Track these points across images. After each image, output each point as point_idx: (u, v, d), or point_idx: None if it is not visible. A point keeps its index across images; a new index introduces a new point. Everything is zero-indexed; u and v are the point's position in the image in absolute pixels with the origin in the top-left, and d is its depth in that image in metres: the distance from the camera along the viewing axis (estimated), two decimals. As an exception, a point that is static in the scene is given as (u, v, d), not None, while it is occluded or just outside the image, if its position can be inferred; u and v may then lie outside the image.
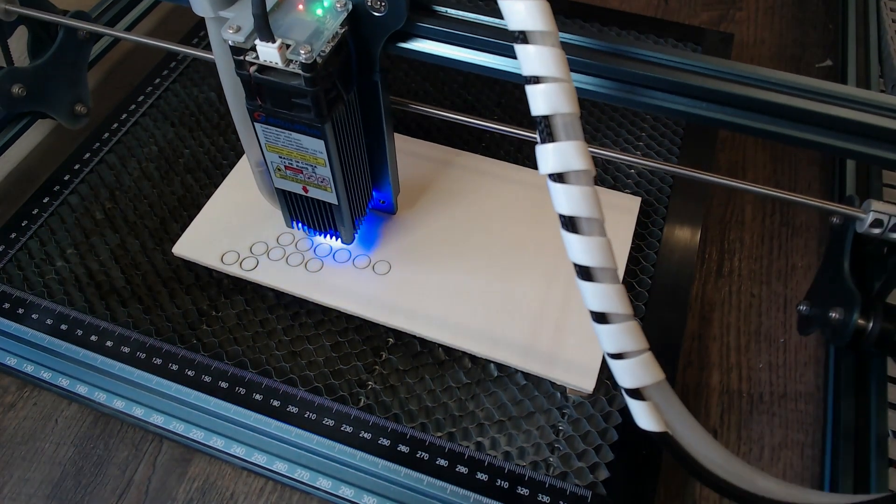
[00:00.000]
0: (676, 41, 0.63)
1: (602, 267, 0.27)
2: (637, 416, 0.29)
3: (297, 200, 0.43)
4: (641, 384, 0.28)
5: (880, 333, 0.36)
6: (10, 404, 0.45)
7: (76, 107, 0.55)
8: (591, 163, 0.27)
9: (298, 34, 0.34)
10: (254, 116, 0.37)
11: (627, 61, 0.34)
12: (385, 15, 0.35)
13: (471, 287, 0.45)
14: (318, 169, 0.39)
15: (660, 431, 0.29)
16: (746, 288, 0.50)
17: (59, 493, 0.41)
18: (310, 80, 0.33)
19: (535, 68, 0.26)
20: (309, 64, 0.33)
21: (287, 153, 0.39)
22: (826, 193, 0.55)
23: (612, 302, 0.27)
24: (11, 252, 0.50)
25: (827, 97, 0.32)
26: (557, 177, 0.27)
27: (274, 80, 0.34)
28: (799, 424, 0.44)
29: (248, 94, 0.36)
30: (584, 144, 0.27)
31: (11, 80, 0.51)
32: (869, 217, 0.35)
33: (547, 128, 0.27)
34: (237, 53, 0.34)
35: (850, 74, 0.57)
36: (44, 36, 0.53)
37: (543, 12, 0.26)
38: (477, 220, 0.49)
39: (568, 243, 0.27)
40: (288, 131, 0.37)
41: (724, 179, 0.39)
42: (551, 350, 0.42)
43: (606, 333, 0.28)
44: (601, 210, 0.27)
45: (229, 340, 0.46)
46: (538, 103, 0.27)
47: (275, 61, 0.33)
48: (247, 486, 0.42)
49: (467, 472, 0.40)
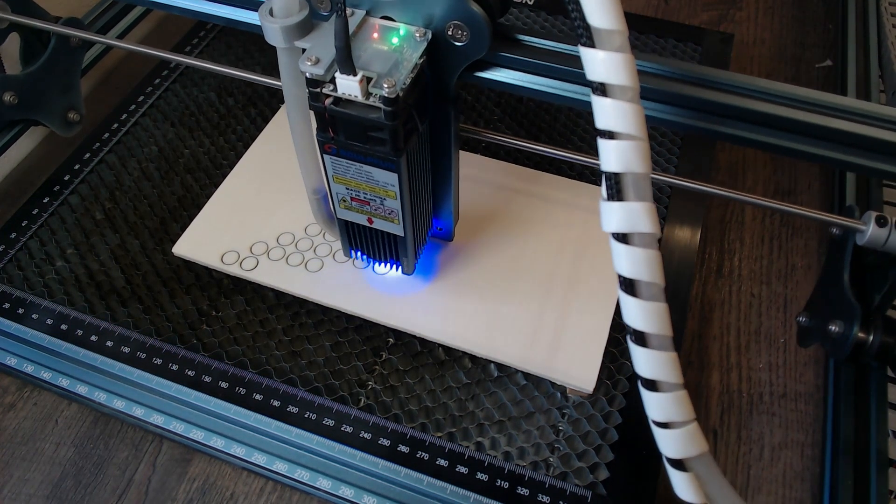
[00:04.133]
0: (676, 41, 0.63)
1: (658, 334, 0.26)
2: (677, 486, 0.28)
3: (360, 231, 0.41)
4: (686, 455, 0.27)
5: (880, 346, 0.35)
6: (10, 404, 0.45)
7: (69, 114, 0.55)
8: (658, 226, 0.26)
9: (379, 66, 0.32)
10: (324, 148, 0.36)
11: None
12: (467, 45, 0.33)
13: (471, 286, 0.45)
14: (388, 202, 0.37)
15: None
16: (746, 288, 0.50)
17: (59, 493, 0.41)
18: (390, 114, 0.32)
19: (610, 123, 0.25)
20: (392, 98, 0.31)
21: (355, 185, 0.37)
22: (826, 193, 0.55)
23: (664, 370, 0.27)
24: (11, 252, 0.50)
25: (826, 109, 0.32)
26: (621, 237, 0.26)
27: (352, 113, 0.32)
28: (799, 424, 0.44)
29: (321, 127, 0.34)
30: (653, 206, 0.26)
31: (3, 87, 0.51)
32: (869, 229, 0.34)
33: (616, 185, 0.26)
34: (314, 86, 0.32)
35: (850, 74, 0.57)
36: (36, 43, 0.53)
37: (626, 65, 0.25)
38: (476, 219, 0.49)
39: (625, 305, 0.26)
40: (358, 164, 0.36)
41: (723, 191, 0.38)
42: (551, 350, 0.42)
43: (655, 401, 0.27)
44: (663, 275, 0.26)
45: (229, 340, 0.46)
46: (609, 159, 0.25)
47: (355, 95, 0.32)
48: (247, 486, 0.42)
49: (467, 472, 0.40)
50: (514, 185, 0.51)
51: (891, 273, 0.36)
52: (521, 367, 0.42)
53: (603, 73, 0.25)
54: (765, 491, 0.42)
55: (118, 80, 0.65)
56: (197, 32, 0.66)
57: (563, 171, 0.53)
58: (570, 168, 0.54)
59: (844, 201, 0.50)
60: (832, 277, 0.38)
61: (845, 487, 0.39)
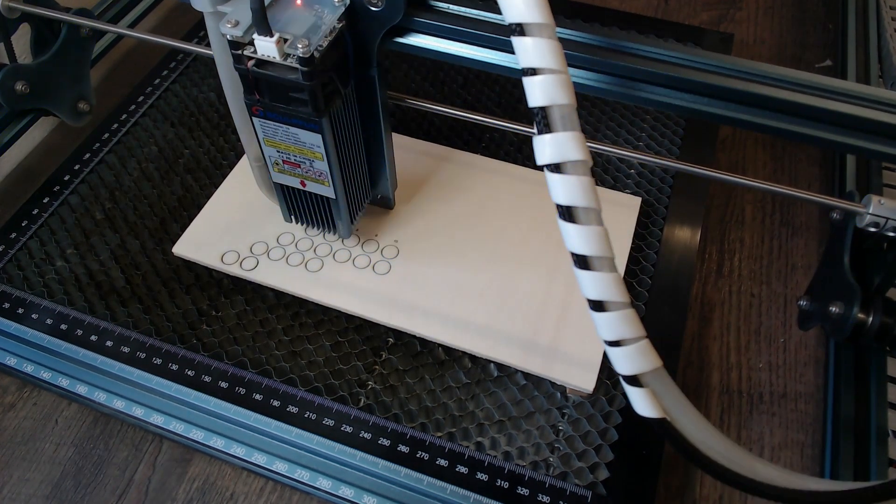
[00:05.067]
0: (676, 41, 0.63)
1: (599, 256, 0.27)
2: (635, 402, 0.29)
3: (295, 195, 0.43)
4: (639, 371, 0.28)
5: (880, 327, 0.36)
6: (10, 404, 0.45)
7: (79, 104, 0.55)
8: (588, 153, 0.27)
9: (296, 28, 0.34)
10: (252, 111, 0.37)
11: (629, 57, 0.34)
12: (382, 10, 0.35)
13: (471, 287, 0.45)
14: (316, 163, 0.39)
15: (658, 418, 0.29)
16: (746, 288, 0.50)
17: (59, 493, 0.41)
18: (307, 74, 0.34)
19: (531, 60, 0.26)
20: (306, 58, 0.33)
21: (285, 147, 0.39)
22: (826, 193, 0.55)
23: (609, 290, 0.27)
24: (11, 252, 0.50)
25: (827, 92, 0.32)
26: (555, 167, 0.27)
27: (271, 74, 0.34)
28: (799, 424, 0.44)
29: (247, 89, 0.36)
30: (581, 135, 0.27)
31: (15, 77, 0.51)
32: (869, 212, 0.35)
33: (544, 119, 0.27)
34: (235, 48, 0.34)
35: (850, 74, 0.57)
36: (47, 33, 0.53)
37: (540, 5, 0.26)
38: (476, 217, 0.49)
39: (565, 233, 0.27)
40: (286, 125, 0.37)
41: (726, 175, 0.39)
42: (551, 350, 0.42)
43: (604, 321, 0.28)
44: (598, 199, 0.27)
45: (229, 340, 0.46)
46: (535, 95, 0.27)
47: (272, 55, 0.33)
48: (247, 486, 0.42)
49: (467, 472, 0.40)
50: (521, 187, 0.51)
51: (890, 255, 0.36)
52: (521, 367, 0.42)
53: (520, 15, 0.26)
54: (765, 491, 0.42)
55: (124, 74, 0.65)
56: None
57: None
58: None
59: (844, 193, 0.51)
60: (833, 260, 0.39)
61: (845, 487, 0.39)
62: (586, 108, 0.59)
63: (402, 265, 0.46)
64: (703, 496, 0.42)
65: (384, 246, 0.47)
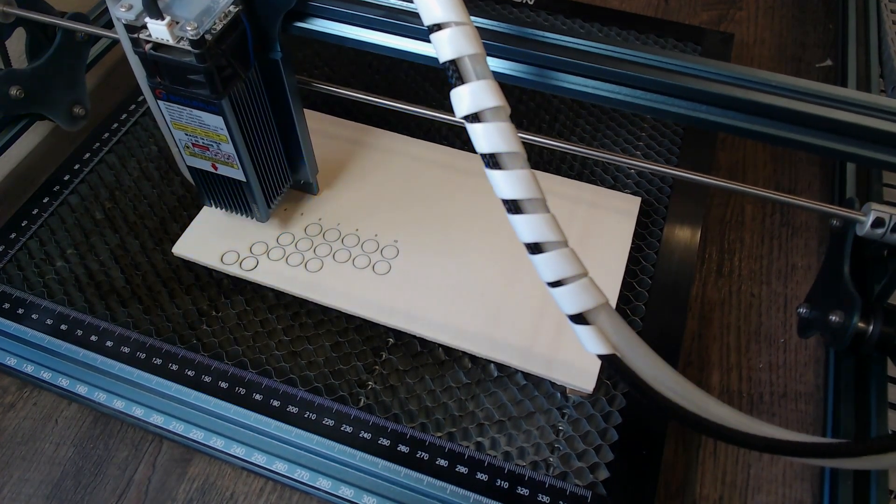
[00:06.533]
0: (676, 41, 0.63)
1: (529, 198, 0.27)
2: (583, 341, 0.29)
3: (208, 178, 0.44)
4: (584, 308, 0.28)
5: (880, 336, 0.36)
6: (10, 404, 0.45)
7: (74, 108, 0.55)
8: (504, 100, 0.27)
9: (188, 12, 0.35)
10: (156, 94, 0.38)
11: (628, 64, 0.34)
12: None
13: (471, 286, 0.45)
14: (223, 146, 0.40)
15: (607, 354, 0.29)
16: (746, 288, 0.50)
17: (59, 493, 0.41)
18: (199, 56, 0.35)
19: (435, 16, 0.27)
20: (196, 40, 0.34)
21: (192, 130, 0.40)
22: (826, 193, 0.55)
23: (543, 231, 0.28)
24: (11, 252, 0.50)
25: (827, 100, 0.32)
26: (474, 117, 0.27)
27: (167, 56, 0.35)
28: (799, 424, 0.44)
29: (148, 72, 0.37)
30: (494, 83, 0.27)
31: (9, 81, 0.51)
32: (869, 220, 0.35)
33: (456, 71, 0.27)
34: (131, 31, 0.35)
35: (850, 74, 0.57)
36: (42, 38, 0.53)
37: None
38: (475, 217, 0.49)
39: (493, 180, 0.28)
40: (189, 108, 0.38)
41: (724, 182, 0.38)
42: (551, 350, 0.42)
43: (543, 262, 0.28)
44: (521, 144, 0.27)
45: (229, 340, 0.46)
46: (444, 49, 0.27)
47: (165, 38, 0.34)
48: (247, 487, 0.42)
49: (467, 472, 0.40)
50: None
51: (890, 264, 0.36)
52: (521, 367, 0.42)
53: None
54: (765, 491, 0.42)
55: (119, 79, 0.65)
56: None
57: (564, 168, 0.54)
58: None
59: (844, 199, 0.50)
60: (832, 269, 0.39)
61: (845, 487, 0.39)
62: (587, 108, 0.59)
63: (402, 265, 0.46)
64: (703, 496, 0.42)
65: (384, 246, 0.47)
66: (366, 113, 0.56)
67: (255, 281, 0.47)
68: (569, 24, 0.65)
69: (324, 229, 0.48)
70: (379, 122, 0.56)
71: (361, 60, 0.63)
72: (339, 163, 0.52)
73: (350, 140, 0.53)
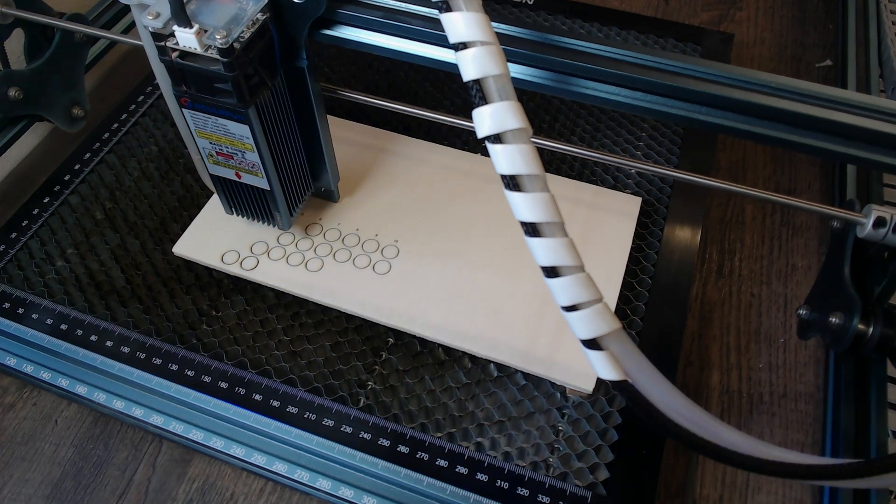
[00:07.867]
0: (676, 41, 0.63)
1: (548, 221, 0.27)
2: (596, 366, 0.29)
3: (231, 187, 0.44)
4: (597, 334, 0.28)
5: (880, 338, 0.35)
6: (10, 404, 0.45)
7: (73, 109, 0.55)
8: (527, 121, 0.27)
9: (216, 20, 0.34)
10: (181, 102, 0.38)
11: (628, 66, 0.34)
12: (305, 3, 0.35)
13: (471, 287, 0.45)
14: (248, 154, 0.40)
15: (619, 380, 0.29)
16: (746, 288, 0.50)
17: (59, 493, 0.41)
18: (228, 65, 0.34)
19: (461, 34, 0.27)
20: (225, 49, 0.33)
21: (216, 139, 0.39)
22: (826, 192, 0.55)
23: (561, 255, 0.28)
24: (12, 252, 0.50)
25: (826, 102, 0.32)
26: (495, 138, 0.27)
27: (194, 65, 0.35)
28: (799, 424, 0.44)
29: (174, 80, 0.37)
30: (517, 104, 0.27)
31: (8, 83, 0.51)
32: (870, 221, 0.35)
33: (479, 91, 0.27)
34: (158, 39, 0.35)
35: (850, 74, 0.57)
36: (40, 39, 0.53)
37: None
38: (476, 217, 0.49)
39: (512, 202, 0.27)
40: (214, 117, 0.38)
41: (724, 183, 0.38)
42: (551, 350, 0.42)
43: (559, 286, 0.28)
44: (542, 167, 0.27)
45: (229, 340, 0.46)
46: (468, 68, 0.27)
47: (193, 47, 0.34)
48: (246, 487, 0.42)
49: (467, 472, 0.40)
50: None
51: (891, 266, 0.36)
52: (521, 367, 0.42)
53: None
54: (765, 491, 0.42)
55: (118, 79, 0.65)
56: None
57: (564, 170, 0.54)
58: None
59: (844, 200, 0.50)
60: (833, 270, 0.38)
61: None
62: (587, 109, 0.59)
63: (403, 265, 0.46)
64: (703, 496, 0.42)
65: (384, 246, 0.47)
66: (366, 113, 0.56)
67: (255, 281, 0.47)
68: (568, 24, 0.65)
69: (324, 229, 0.48)
70: (379, 122, 0.56)
71: (361, 61, 0.63)
72: (339, 163, 0.52)
73: (350, 141, 0.53)
